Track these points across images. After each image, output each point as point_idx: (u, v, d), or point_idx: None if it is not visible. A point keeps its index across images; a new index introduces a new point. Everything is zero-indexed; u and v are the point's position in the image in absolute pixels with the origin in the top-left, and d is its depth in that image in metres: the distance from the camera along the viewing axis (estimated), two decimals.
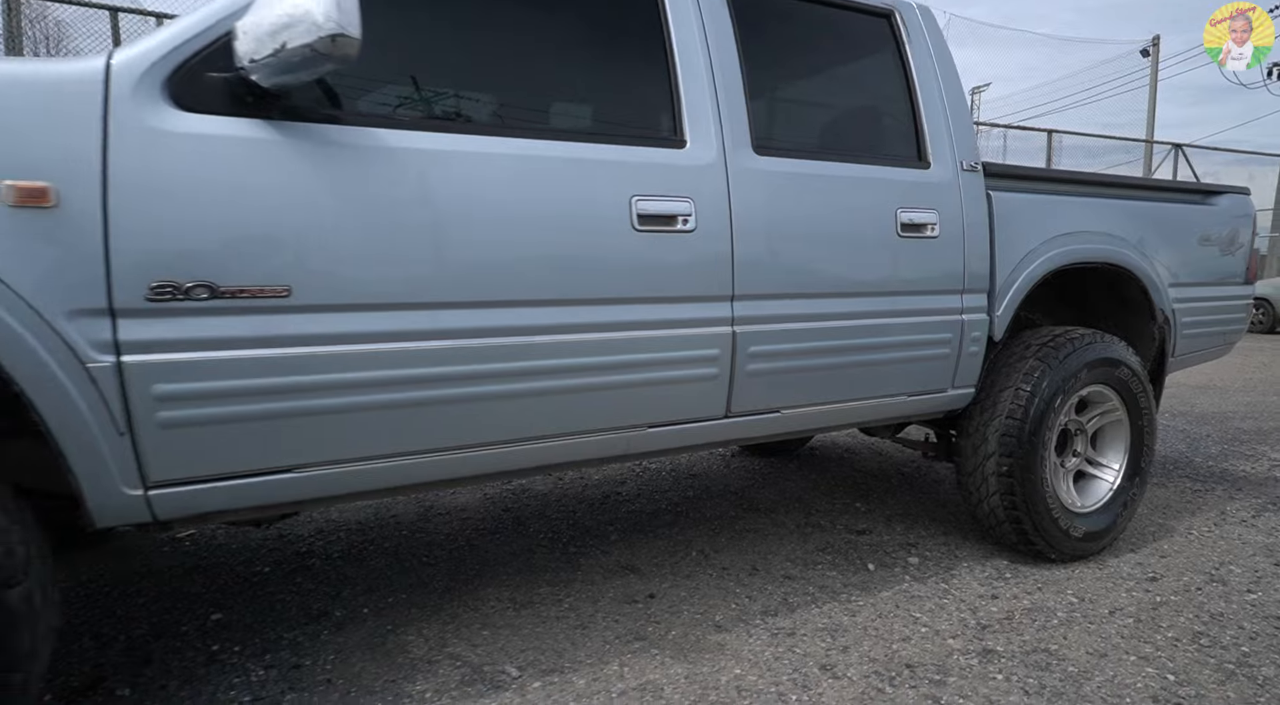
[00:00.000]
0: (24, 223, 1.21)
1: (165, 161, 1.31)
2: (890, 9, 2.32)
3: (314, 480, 1.51)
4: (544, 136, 1.68)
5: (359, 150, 1.47)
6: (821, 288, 2.03)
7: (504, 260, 1.59)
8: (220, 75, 1.37)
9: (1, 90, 1.22)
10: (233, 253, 1.36)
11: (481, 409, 1.61)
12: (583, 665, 1.90)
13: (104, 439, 1.29)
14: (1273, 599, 2.33)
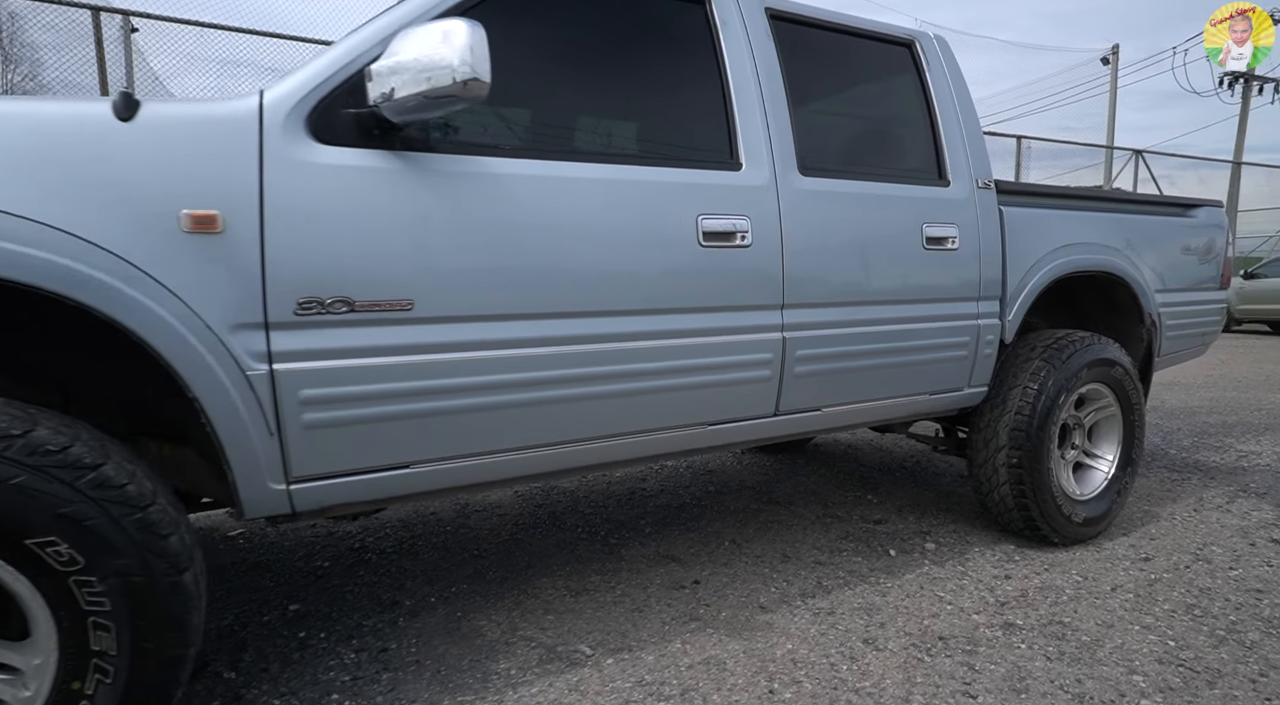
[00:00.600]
0: (197, 247, 1.35)
1: (308, 190, 1.46)
2: (911, 38, 2.53)
3: (426, 476, 1.66)
4: (626, 161, 1.85)
5: (467, 176, 1.63)
6: (858, 296, 2.23)
7: (594, 273, 1.76)
8: (352, 111, 1.53)
9: (176, 130, 1.36)
10: (364, 271, 1.51)
11: (577, 409, 1.78)
12: (648, 643, 2.07)
13: (258, 439, 1.44)
14: (1252, 574, 2.59)
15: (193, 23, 7.87)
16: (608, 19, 1.95)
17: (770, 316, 2.06)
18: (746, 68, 2.08)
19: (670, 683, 1.87)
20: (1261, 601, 2.38)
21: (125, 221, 1.30)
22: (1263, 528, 3.06)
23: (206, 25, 7.92)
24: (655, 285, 1.85)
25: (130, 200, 1.31)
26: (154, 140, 1.35)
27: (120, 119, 1.33)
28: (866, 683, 1.88)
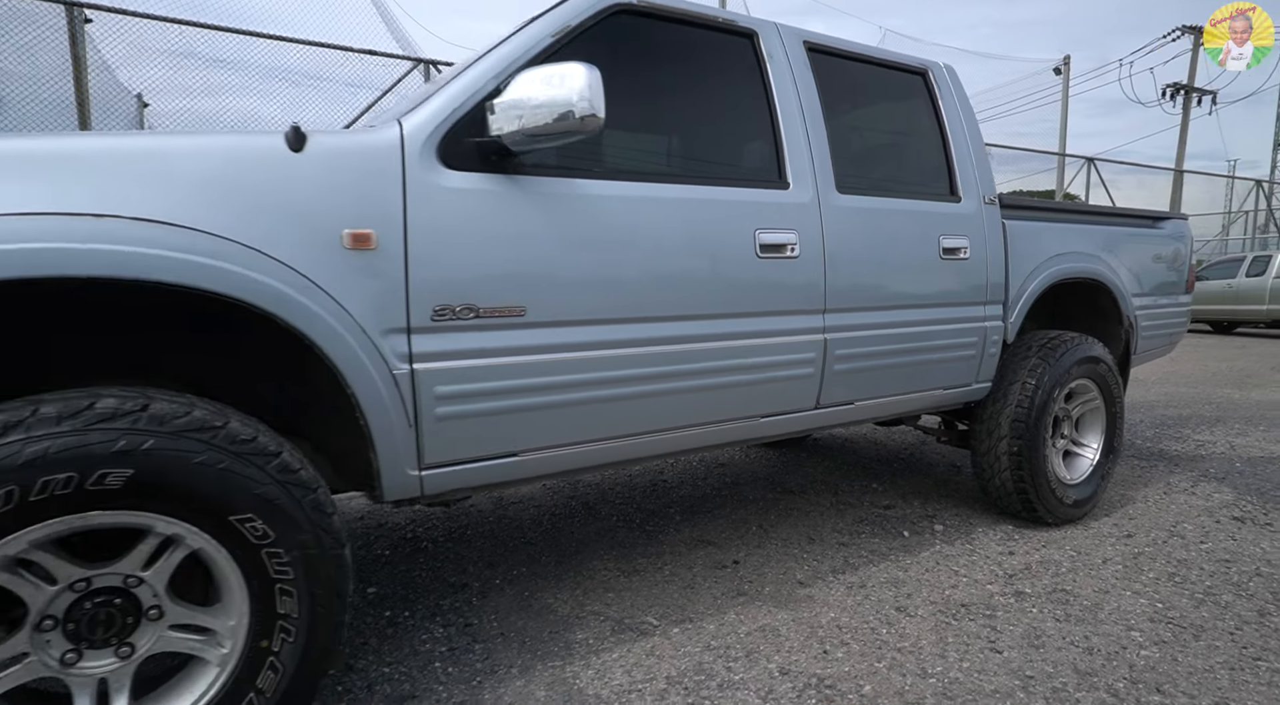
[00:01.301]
0: (356, 262, 1.54)
1: (440, 210, 1.66)
2: (925, 68, 2.81)
3: (530, 463, 1.87)
4: (697, 182, 2.07)
5: (567, 197, 1.84)
6: (886, 301, 2.49)
7: (672, 281, 1.98)
8: (475, 140, 1.72)
9: (337, 159, 1.55)
10: (486, 281, 1.71)
11: (657, 403, 2.00)
12: (705, 615, 2.30)
13: (399, 431, 1.63)
14: (1220, 547, 2.92)
15: (147, 16, 7.84)
16: (674, 55, 2.17)
17: (814, 320, 2.30)
18: (791, 96, 2.33)
19: (734, 647, 2.10)
20: (1230, 569, 2.70)
21: (300, 240, 1.49)
22: (1224, 508, 3.41)
23: (161, 19, 7.90)
24: (722, 292, 2.08)
25: (302, 221, 1.50)
26: (320, 168, 1.53)
27: (293, 150, 1.51)
28: (905, 643, 2.14)
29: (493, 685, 1.90)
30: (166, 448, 1.31)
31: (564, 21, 1.93)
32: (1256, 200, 26.23)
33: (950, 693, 1.88)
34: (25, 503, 1.21)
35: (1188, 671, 2.00)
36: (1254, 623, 2.29)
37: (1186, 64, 26.15)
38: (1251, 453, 4.53)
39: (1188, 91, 26.41)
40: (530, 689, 1.88)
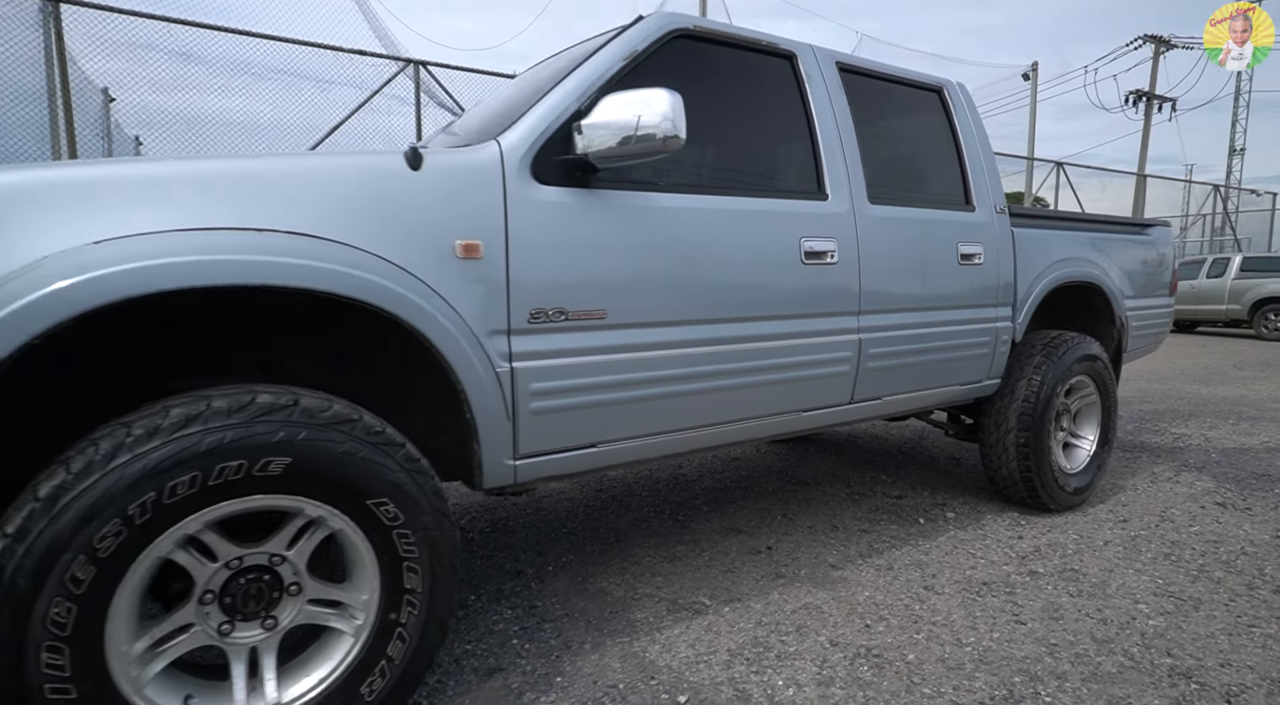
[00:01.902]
0: (466, 269, 1.70)
1: (534, 221, 1.82)
2: (940, 85, 3.02)
3: (606, 453, 2.03)
4: (751, 194, 2.25)
5: (640, 209, 2.00)
6: (912, 303, 2.69)
7: (732, 285, 2.16)
8: (562, 156, 1.88)
9: (449, 176, 1.70)
10: (573, 286, 1.87)
11: (717, 397, 2.17)
12: (751, 595, 2.48)
13: (499, 424, 1.79)
14: (1208, 530, 3.17)
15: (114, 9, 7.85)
16: (724, 76, 2.34)
17: (850, 321, 2.50)
18: (827, 113, 2.52)
19: (783, 623, 2.29)
20: (1219, 549, 2.95)
21: (420, 250, 1.64)
22: (1206, 494, 3.68)
23: (125, 13, 7.90)
24: (773, 295, 2.26)
25: (422, 233, 1.65)
26: (435, 185, 1.68)
27: (412, 168, 1.66)
28: (938, 617, 2.34)
29: (570, 658, 2.06)
30: (316, 438, 1.45)
31: (632, 46, 2.09)
32: (1214, 204, 27.16)
33: (986, 659, 2.08)
34: (205, 487, 1.35)
35: (1192, 637, 2.22)
36: (1244, 595, 2.52)
37: (1148, 71, 27.03)
38: (1225, 444, 4.83)
39: (1149, 98, 27.28)
40: (605, 661, 2.05)
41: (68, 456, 1.28)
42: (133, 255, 1.30)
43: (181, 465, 1.32)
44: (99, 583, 1.27)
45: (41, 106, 7.71)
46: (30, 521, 1.22)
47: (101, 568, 1.27)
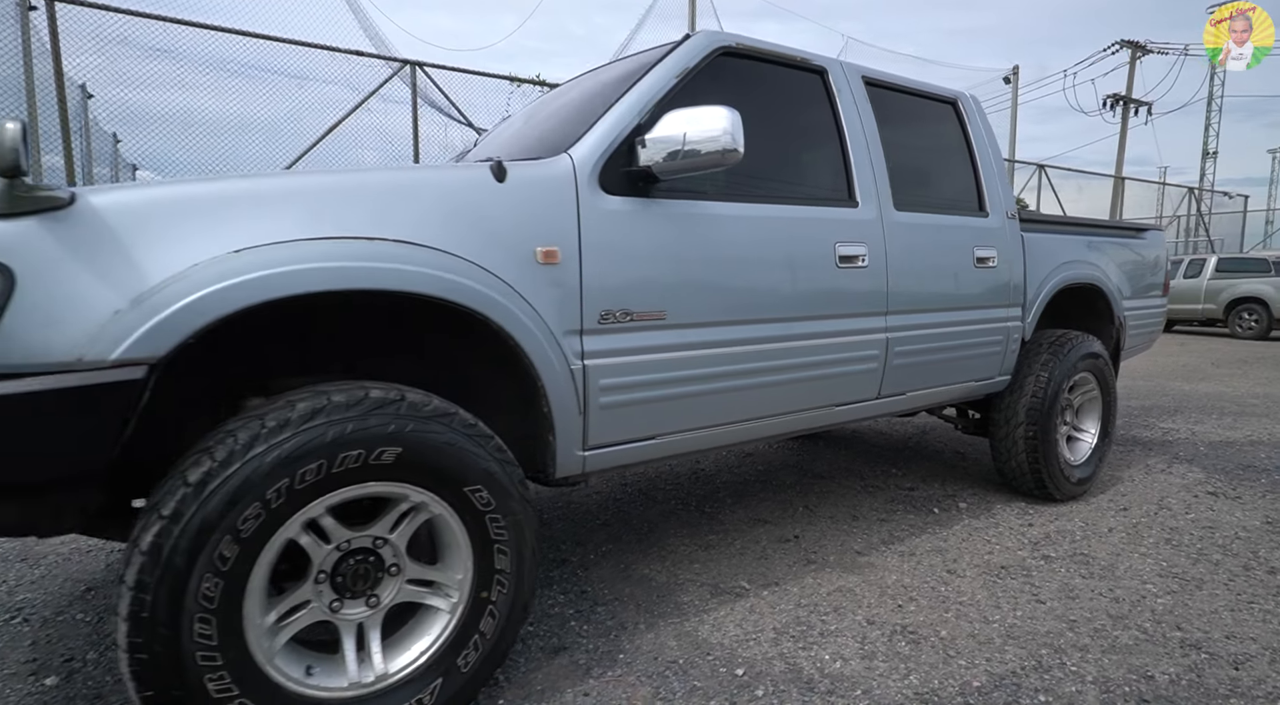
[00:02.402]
0: (545, 274, 1.83)
1: (603, 228, 1.95)
2: (955, 98, 3.19)
3: (663, 445, 2.17)
4: (790, 202, 2.40)
5: (694, 216, 2.14)
6: (933, 304, 2.85)
7: (775, 287, 2.30)
8: (626, 168, 2.02)
9: (529, 187, 1.83)
10: (636, 289, 2.01)
11: (763, 393, 2.32)
12: (787, 579, 2.63)
13: (572, 417, 1.92)
14: (1203, 517, 3.36)
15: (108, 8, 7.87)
16: (762, 90, 2.49)
17: (878, 321, 2.65)
18: (856, 124, 2.67)
19: (821, 604, 2.44)
20: (1215, 534, 3.14)
21: (506, 256, 1.77)
22: (1198, 484, 3.89)
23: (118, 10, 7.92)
24: (812, 296, 2.41)
25: (507, 239, 1.78)
26: (517, 195, 1.81)
27: (497, 181, 1.79)
28: (963, 597, 2.50)
29: (628, 637, 2.19)
30: (422, 430, 1.58)
31: (684, 64, 2.23)
32: (1189, 206, 27.76)
33: (1013, 634, 2.24)
34: (329, 474, 1.47)
35: (1198, 613, 2.40)
36: (1242, 575, 2.71)
37: (1125, 75, 27.58)
38: (1211, 438, 5.06)
39: (1126, 102, 27.84)
40: (661, 640, 2.18)
41: (208, 446, 1.40)
42: (269, 262, 1.42)
43: (310, 454, 1.44)
44: (241, 561, 1.39)
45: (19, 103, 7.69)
46: (183, 505, 1.33)
47: (244, 547, 1.39)
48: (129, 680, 1.34)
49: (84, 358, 1.28)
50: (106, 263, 1.32)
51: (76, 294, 1.29)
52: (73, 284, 1.28)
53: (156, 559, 1.32)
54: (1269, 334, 14.67)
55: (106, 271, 1.31)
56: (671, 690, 1.91)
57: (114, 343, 1.29)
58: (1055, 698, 1.90)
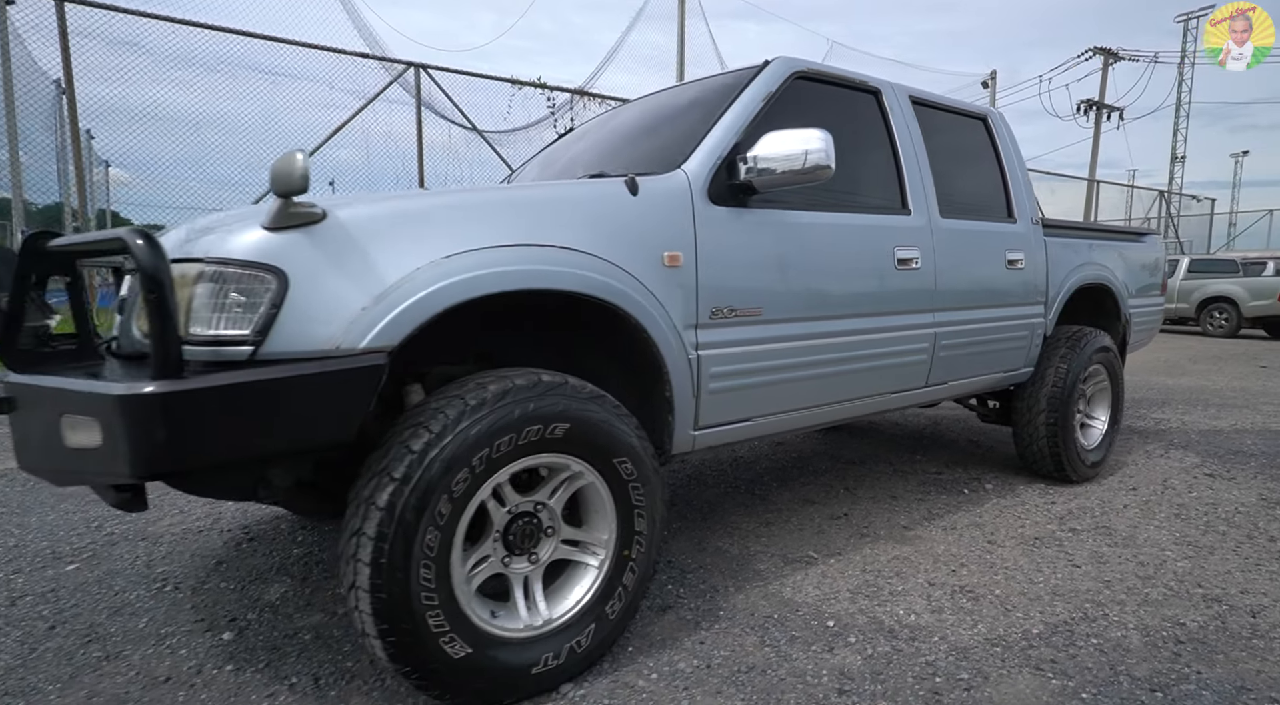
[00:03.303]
0: (670, 276, 2.10)
1: (713, 235, 2.22)
2: (985, 114, 3.50)
3: (756, 426, 2.45)
4: (858, 210, 2.69)
5: (783, 224, 2.42)
6: (973, 302, 3.16)
7: (850, 285, 2.59)
8: (728, 181, 2.29)
9: (657, 199, 2.10)
10: (738, 289, 2.28)
11: (839, 380, 2.61)
12: (848, 550, 2.92)
13: (688, 401, 2.19)
14: (1205, 495, 3.71)
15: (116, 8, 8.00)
16: (829, 109, 2.78)
17: (927, 317, 2.95)
18: (907, 139, 2.97)
19: (884, 570, 2.73)
20: (1217, 509, 3.48)
21: (641, 260, 2.03)
22: (1195, 468, 4.25)
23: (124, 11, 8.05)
24: (875, 295, 2.70)
25: (641, 245, 2.04)
26: (648, 206, 2.08)
27: (631, 193, 2.05)
28: (1008, 563, 2.81)
29: (723, 598, 2.47)
30: (584, 409, 1.84)
31: (767, 88, 2.52)
32: (1160, 208, 28.61)
33: (1058, 592, 2.55)
34: (516, 446, 1.73)
35: (1214, 574, 2.73)
36: (1247, 543, 3.05)
37: (1098, 81, 28.36)
38: (1200, 427, 5.45)
39: (1099, 107, 28.62)
40: (752, 600, 2.46)
41: (422, 421, 1.65)
42: (473, 266, 1.68)
43: (504, 429, 1.70)
44: (452, 518, 1.65)
45: None
46: (411, 469, 1.59)
47: (454, 506, 1.64)
48: (368, 617, 1.58)
49: (340, 347, 1.53)
50: (352, 266, 1.56)
51: (331, 293, 1.53)
52: (328, 285, 1.53)
53: (392, 514, 1.57)
54: (1238, 332, 15.32)
55: (353, 274, 1.56)
56: (775, 638, 2.19)
57: (362, 334, 1.54)
58: (1105, 641, 2.21)
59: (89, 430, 1.41)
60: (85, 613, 2.30)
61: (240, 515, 3.25)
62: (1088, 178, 26.07)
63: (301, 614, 2.32)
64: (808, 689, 1.92)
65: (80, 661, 2.02)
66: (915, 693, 1.91)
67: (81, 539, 2.93)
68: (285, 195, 1.49)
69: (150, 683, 1.92)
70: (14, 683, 1.91)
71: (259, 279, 1.49)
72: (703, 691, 1.90)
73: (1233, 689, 1.95)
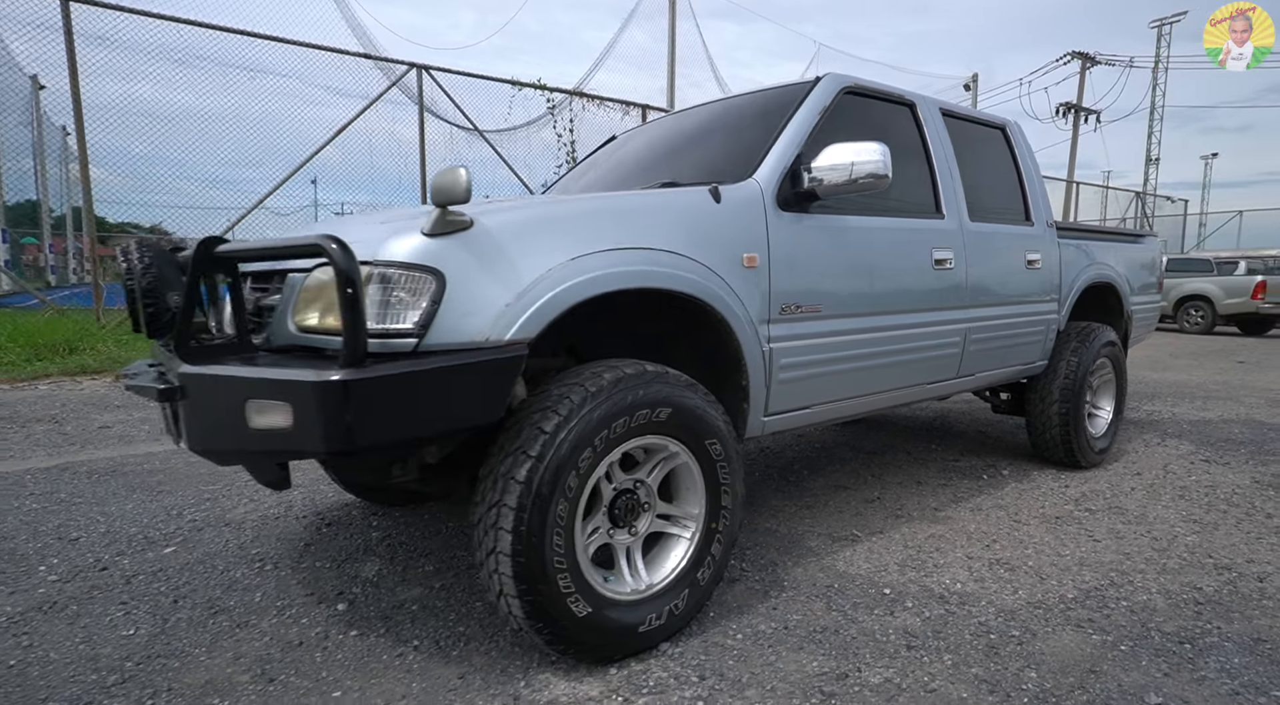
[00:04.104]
0: (748, 276, 2.32)
1: (781, 238, 2.45)
2: (1003, 124, 3.76)
3: (814, 413, 2.67)
4: (904, 215, 2.92)
5: (838, 228, 2.65)
6: (997, 299, 3.42)
7: (895, 284, 2.83)
8: (793, 189, 2.52)
9: (736, 206, 2.32)
10: (803, 287, 2.51)
11: (885, 370, 2.84)
12: (887, 530, 3.16)
13: (760, 390, 2.41)
14: (1203, 479, 4.00)
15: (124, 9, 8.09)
16: (874, 122, 3.01)
17: (959, 313, 3.20)
18: (939, 148, 3.22)
19: (924, 547, 2.97)
20: (1216, 491, 3.77)
21: (724, 260, 2.25)
22: (1191, 454, 4.54)
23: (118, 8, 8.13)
24: (916, 293, 2.94)
25: (725, 247, 2.26)
26: (730, 213, 2.30)
27: (715, 202, 2.27)
28: (1035, 539, 3.06)
29: (784, 571, 2.69)
30: (682, 395, 2.05)
31: (822, 103, 2.74)
32: (1136, 209, 29.29)
33: (1084, 563, 2.80)
34: (629, 428, 1.94)
35: (1221, 546, 3.00)
36: (1246, 520, 3.33)
37: (1076, 85, 28.99)
38: (1190, 418, 5.77)
39: (1077, 110, 29.24)
40: (811, 573, 2.69)
41: (549, 405, 1.86)
42: (596, 267, 1.89)
43: (620, 412, 1.90)
44: (578, 491, 1.85)
45: None
46: (545, 448, 1.79)
47: (580, 480, 1.85)
48: (509, 579, 1.79)
49: (489, 339, 1.73)
50: (497, 267, 1.77)
51: (480, 291, 1.74)
52: (478, 284, 1.73)
53: (530, 488, 1.77)
54: (1213, 329, 15.84)
55: (497, 274, 1.76)
56: (839, 604, 2.42)
57: (506, 327, 1.75)
58: (1133, 603, 2.46)
59: (278, 413, 1.60)
60: (200, 589, 2.48)
61: (310, 503, 3.42)
62: (1066, 179, 26.67)
63: (401, 588, 2.51)
64: (879, 645, 2.15)
65: (213, 630, 2.20)
66: (975, 647, 2.14)
67: (167, 526, 3.09)
68: (443, 205, 1.69)
69: (286, 646, 2.11)
70: (161, 646, 2.09)
71: (422, 279, 1.69)
72: (786, 648, 2.12)
73: (1250, 640, 2.20)
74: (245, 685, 1.91)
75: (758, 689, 1.91)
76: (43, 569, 2.64)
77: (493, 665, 2.02)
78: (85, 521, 3.13)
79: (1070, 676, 1.99)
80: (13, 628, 2.20)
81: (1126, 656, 2.10)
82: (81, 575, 2.58)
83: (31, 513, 3.23)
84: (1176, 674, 2.02)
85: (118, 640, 2.13)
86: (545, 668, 2.00)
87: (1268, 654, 2.12)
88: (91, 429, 4.97)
